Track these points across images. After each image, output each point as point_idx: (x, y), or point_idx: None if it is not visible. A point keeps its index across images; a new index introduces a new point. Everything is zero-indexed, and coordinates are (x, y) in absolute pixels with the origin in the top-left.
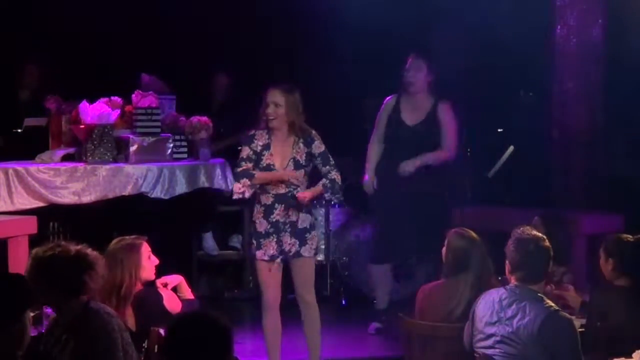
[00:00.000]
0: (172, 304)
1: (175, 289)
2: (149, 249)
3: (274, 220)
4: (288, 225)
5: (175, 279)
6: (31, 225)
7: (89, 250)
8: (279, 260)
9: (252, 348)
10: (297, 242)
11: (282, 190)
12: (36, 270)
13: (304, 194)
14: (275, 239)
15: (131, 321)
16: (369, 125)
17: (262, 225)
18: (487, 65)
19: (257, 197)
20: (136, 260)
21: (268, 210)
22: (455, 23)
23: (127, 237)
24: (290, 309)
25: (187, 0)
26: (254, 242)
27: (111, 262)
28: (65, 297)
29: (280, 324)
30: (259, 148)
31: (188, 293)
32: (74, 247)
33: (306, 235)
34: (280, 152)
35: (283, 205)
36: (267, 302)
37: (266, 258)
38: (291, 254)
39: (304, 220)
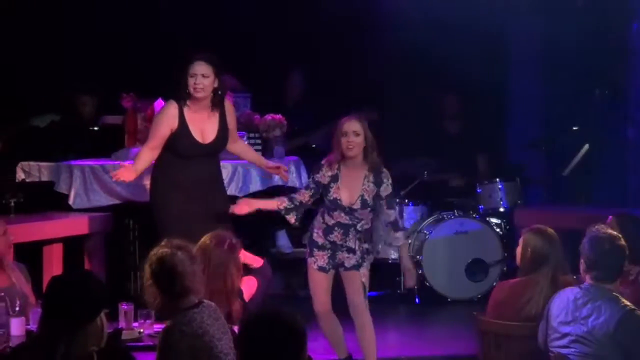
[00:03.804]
0: (249, 292)
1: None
2: None
3: (332, 240)
4: (345, 248)
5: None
6: (107, 222)
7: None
8: (329, 272)
9: (325, 345)
10: (355, 259)
11: (345, 221)
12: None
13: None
14: (329, 254)
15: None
16: (447, 123)
17: (319, 238)
18: (562, 64)
19: (320, 211)
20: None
21: (328, 230)
22: (530, 23)
23: (220, 233)
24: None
25: None
26: (308, 248)
27: (227, 265)
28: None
29: (336, 324)
30: (327, 179)
31: (254, 261)
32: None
33: (364, 256)
34: (348, 186)
35: (342, 231)
36: (315, 308)
37: (315, 267)
38: (346, 266)
39: (361, 246)
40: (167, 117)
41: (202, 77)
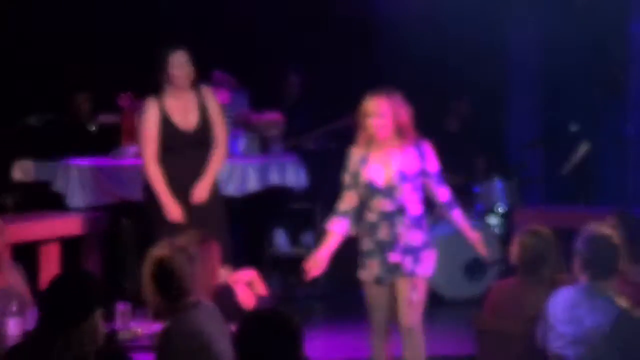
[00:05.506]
0: (246, 299)
1: (249, 285)
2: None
3: (379, 239)
4: (395, 243)
5: (248, 275)
6: (104, 221)
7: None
8: (385, 282)
9: (323, 346)
10: (410, 259)
11: (388, 208)
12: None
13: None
14: (379, 259)
15: None
16: (447, 122)
17: (366, 244)
18: (562, 64)
19: (362, 214)
20: (214, 255)
21: (372, 229)
22: (530, 23)
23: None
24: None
25: None
26: (359, 262)
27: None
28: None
29: (388, 349)
30: (356, 165)
31: (261, 289)
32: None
33: (420, 253)
34: (381, 163)
35: (388, 222)
36: (372, 324)
37: (371, 279)
38: (400, 270)
39: (414, 238)
40: (149, 114)
41: (187, 64)
